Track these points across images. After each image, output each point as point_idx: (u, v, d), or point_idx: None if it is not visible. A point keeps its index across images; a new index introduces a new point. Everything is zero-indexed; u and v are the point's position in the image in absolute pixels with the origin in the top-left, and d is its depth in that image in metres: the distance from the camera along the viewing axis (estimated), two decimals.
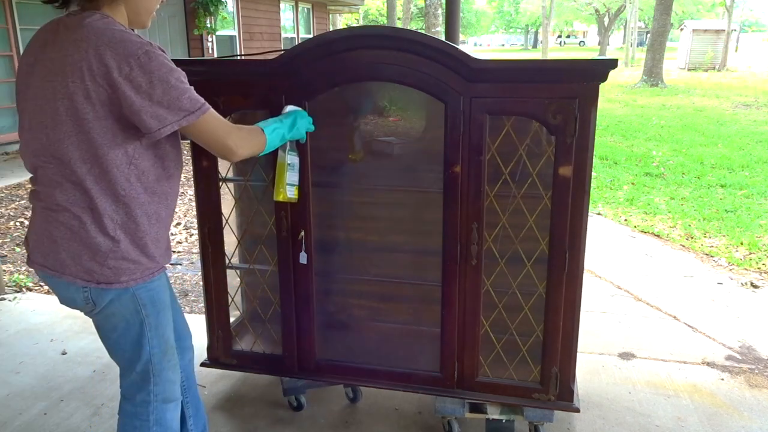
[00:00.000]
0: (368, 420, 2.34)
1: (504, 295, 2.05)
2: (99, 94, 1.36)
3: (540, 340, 2.01)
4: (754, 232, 4.64)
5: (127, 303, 1.52)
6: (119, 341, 1.59)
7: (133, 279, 1.50)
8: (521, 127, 1.91)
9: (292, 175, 1.95)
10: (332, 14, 19.12)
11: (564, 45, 58.06)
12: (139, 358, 1.59)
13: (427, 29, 11.45)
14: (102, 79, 1.35)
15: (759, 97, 14.02)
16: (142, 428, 1.66)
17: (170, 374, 1.67)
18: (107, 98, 1.36)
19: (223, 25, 11.23)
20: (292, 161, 1.93)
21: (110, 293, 1.49)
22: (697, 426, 2.30)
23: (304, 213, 2.06)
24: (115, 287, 1.48)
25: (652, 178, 6.52)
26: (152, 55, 1.37)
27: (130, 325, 1.55)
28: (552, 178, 1.86)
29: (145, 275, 1.52)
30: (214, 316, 2.26)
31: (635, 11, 30.01)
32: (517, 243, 1.99)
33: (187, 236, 4.75)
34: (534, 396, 2.04)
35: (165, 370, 1.64)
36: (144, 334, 1.57)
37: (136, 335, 1.56)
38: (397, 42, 1.86)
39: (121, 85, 1.35)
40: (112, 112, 1.38)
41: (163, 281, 1.62)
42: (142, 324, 1.56)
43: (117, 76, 1.34)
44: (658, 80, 17.01)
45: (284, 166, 1.91)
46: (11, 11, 8.28)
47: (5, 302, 3.43)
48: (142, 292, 1.53)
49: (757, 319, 3.23)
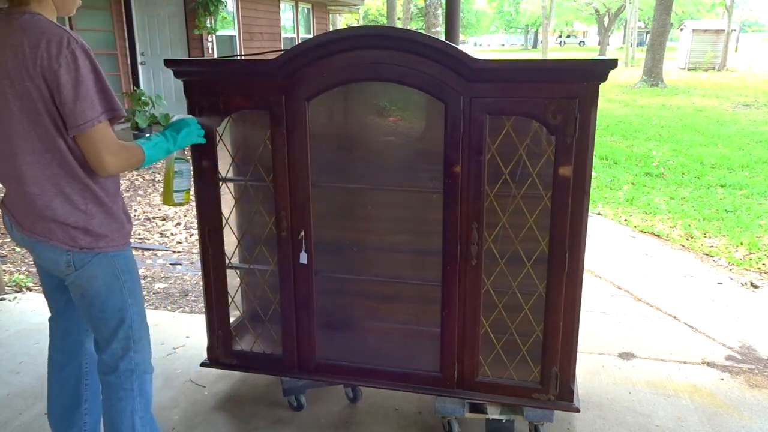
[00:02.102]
0: (368, 420, 2.34)
1: (504, 295, 2.05)
2: (43, 91, 1.50)
3: (540, 340, 2.01)
4: (754, 232, 4.64)
5: (105, 267, 1.68)
6: (102, 308, 1.71)
7: (111, 245, 1.67)
8: (521, 127, 1.91)
9: (181, 181, 2.03)
10: (332, 14, 19.12)
11: (564, 45, 58.05)
12: (122, 323, 1.73)
13: (427, 29, 11.45)
14: (41, 78, 1.49)
15: (759, 97, 14.02)
16: (127, 398, 1.76)
17: (146, 344, 1.81)
18: (49, 94, 1.51)
19: (223, 25, 11.22)
20: (179, 168, 2.02)
21: (90, 256, 1.65)
22: (697, 426, 2.30)
23: (304, 213, 2.07)
24: (96, 251, 1.65)
25: (652, 178, 6.52)
26: (77, 54, 1.49)
27: (111, 290, 1.70)
28: (552, 178, 1.86)
29: (119, 243, 1.70)
30: (214, 316, 2.26)
31: (635, 11, 30.01)
32: (517, 243, 1.99)
33: (187, 236, 4.75)
34: (534, 396, 2.04)
35: (142, 338, 1.79)
36: (125, 299, 1.72)
37: (118, 300, 1.71)
38: (397, 42, 1.86)
39: (53, 81, 1.49)
40: (54, 104, 1.53)
41: (132, 253, 1.78)
42: (122, 289, 1.71)
43: (51, 73, 1.49)
44: (658, 80, 17.01)
45: (171, 173, 2.01)
46: None
47: (5, 302, 3.43)
48: (119, 258, 1.70)
49: (757, 319, 3.23)
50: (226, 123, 2.11)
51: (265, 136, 2.05)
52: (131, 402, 1.77)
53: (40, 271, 1.83)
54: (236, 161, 2.22)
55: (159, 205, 5.68)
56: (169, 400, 2.47)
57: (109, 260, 1.68)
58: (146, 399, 1.81)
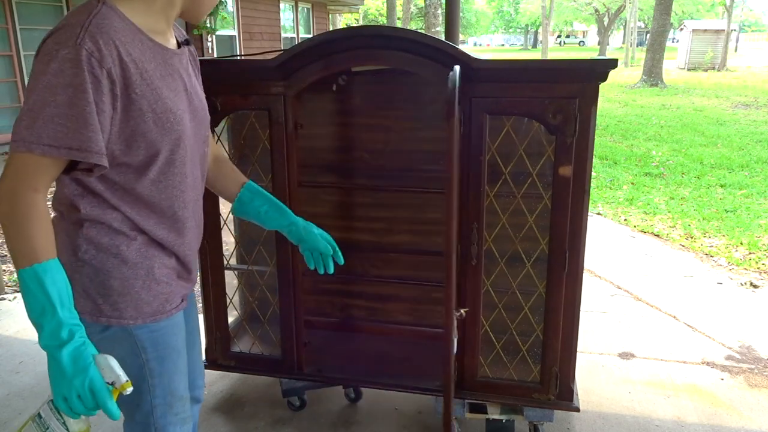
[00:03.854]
0: (368, 420, 2.34)
1: (504, 295, 2.05)
2: None
3: (540, 340, 2.00)
4: (754, 232, 4.64)
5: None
6: None
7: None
8: (521, 127, 1.91)
9: None
10: (332, 14, 19.11)
11: (564, 45, 58.05)
12: (138, 407, 1.30)
13: (427, 29, 11.45)
14: None
15: (758, 97, 14.02)
16: None
17: (177, 428, 1.36)
18: None
19: (223, 25, 11.21)
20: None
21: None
22: (696, 426, 2.30)
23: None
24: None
25: (652, 178, 6.52)
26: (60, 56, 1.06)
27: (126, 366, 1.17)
28: (552, 178, 1.86)
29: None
30: (212, 317, 2.25)
31: (635, 11, 30.01)
32: (517, 243, 1.99)
33: None
34: (534, 396, 2.04)
35: (170, 425, 1.34)
36: (145, 379, 1.28)
37: (133, 379, 1.17)
38: (396, 42, 1.85)
39: None
40: None
41: (174, 320, 1.32)
42: (142, 368, 1.27)
43: None
44: (657, 80, 17.01)
45: None
46: (11, 11, 8.27)
47: (5, 302, 3.43)
48: (143, 332, 1.26)
49: (757, 319, 3.23)
50: (224, 123, 2.11)
51: (263, 136, 2.05)
52: None
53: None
54: (234, 161, 2.22)
55: None
56: None
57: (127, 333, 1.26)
58: None
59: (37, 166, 1.06)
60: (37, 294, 1.06)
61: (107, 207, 1.19)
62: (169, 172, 1.22)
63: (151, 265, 1.24)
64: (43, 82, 1.05)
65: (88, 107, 1.05)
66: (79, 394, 1.07)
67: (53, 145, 1.05)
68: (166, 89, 1.18)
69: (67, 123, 1.05)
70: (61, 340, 1.06)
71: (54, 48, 1.06)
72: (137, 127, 1.14)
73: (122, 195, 1.19)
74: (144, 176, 1.19)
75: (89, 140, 1.06)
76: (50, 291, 1.06)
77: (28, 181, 1.07)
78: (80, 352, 1.07)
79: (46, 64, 1.05)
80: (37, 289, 1.06)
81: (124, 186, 1.18)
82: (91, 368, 1.07)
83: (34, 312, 1.07)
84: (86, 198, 1.18)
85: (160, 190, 1.22)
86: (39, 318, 1.07)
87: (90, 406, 1.09)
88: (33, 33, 8.74)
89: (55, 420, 1.14)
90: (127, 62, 1.10)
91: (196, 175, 1.32)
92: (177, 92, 1.22)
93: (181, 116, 1.21)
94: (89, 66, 1.05)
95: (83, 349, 1.07)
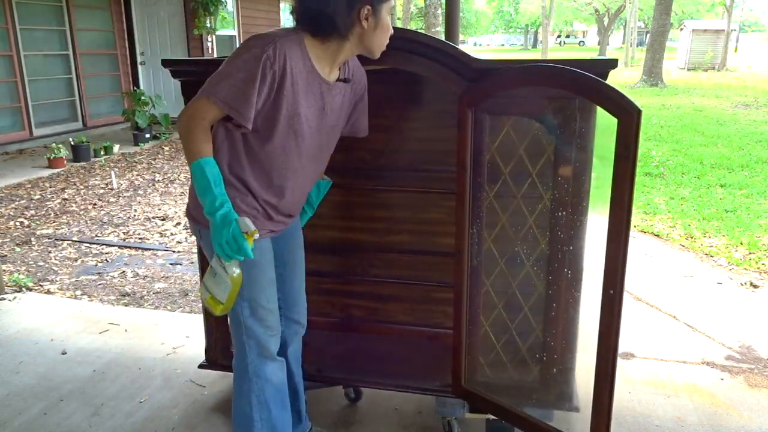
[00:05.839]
0: (368, 420, 2.34)
1: (504, 295, 2.05)
2: None
3: (540, 340, 2.01)
4: (754, 232, 4.64)
5: None
6: None
7: None
8: (521, 127, 1.91)
9: (213, 284, 1.68)
10: None
11: (564, 45, 58.04)
12: (234, 306, 1.72)
13: (427, 29, 11.46)
14: None
15: (758, 97, 14.02)
16: (242, 379, 1.82)
17: (261, 331, 1.78)
18: None
19: (223, 25, 11.22)
20: (215, 270, 1.67)
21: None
22: (696, 426, 2.30)
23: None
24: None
25: (652, 177, 6.52)
26: (251, 46, 1.56)
27: None
28: (552, 178, 1.86)
29: None
30: (212, 317, 2.25)
31: (635, 11, 30.01)
32: (517, 243, 1.99)
33: (186, 236, 4.75)
34: (534, 396, 2.04)
35: (254, 325, 1.77)
36: None
37: None
38: (396, 42, 1.85)
39: None
40: None
41: (259, 244, 1.70)
42: None
43: None
44: (657, 80, 17.01)
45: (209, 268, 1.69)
46: (11, 11, 8.27)
47: (5, 302, 3.43)
48: None
49: (757, 319, 3.23)
50: None
51: None
52: None
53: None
54: None
55: (159, 205, 5.68)
56: (169, 400, 2.47)
57: None
58: (263, 380, 1.84)
59: (209, 108, 1.58)
60: (200, 178, 1.57)
61: (236, 153, 1.66)
62: (281, 153, 1.67)
63: (243, 198, 1.69)
64: (237, 61, 1.55)
65: (252, 89, 1.54)
66: (227, 240, 1.55)
67: (224, 101, 1.55)
68: (303, 100, 1.63)
69: (237, 93, 1.54)
70: (215, 207, 1.56)
71: (254, 44, 1.55)
72: (275, 114, 1.61)
73: (248, 150, 1.66)
74: (265, 145, 1.65)
75: (245, 108, 1.56)
76: (209, 176, 1.57)
77: (201, 114, 1.58)
78: (226, 214, 1.56)
79: (246, 50, 1.55)
80: (200, 175, 1.57)
81: (252, 146, 1.66)
82: (233, 223, 1.56)
83: (200, 190, 1.58)
84: (226, 143, 1.66)
85: (270, 159, 1.67)
86: (202, 194, 1.58)
87: (234, 249, 1.56)
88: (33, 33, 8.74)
89: (220, 267, 1.62)
90: (288, 74, 1.57)
91: (304, 165, 1.74)
92: (311, 107, 1.66)
93: (304, 121, 1.65)
94: (264, 66, 1.53)
95: (228, 213, 1.57)
